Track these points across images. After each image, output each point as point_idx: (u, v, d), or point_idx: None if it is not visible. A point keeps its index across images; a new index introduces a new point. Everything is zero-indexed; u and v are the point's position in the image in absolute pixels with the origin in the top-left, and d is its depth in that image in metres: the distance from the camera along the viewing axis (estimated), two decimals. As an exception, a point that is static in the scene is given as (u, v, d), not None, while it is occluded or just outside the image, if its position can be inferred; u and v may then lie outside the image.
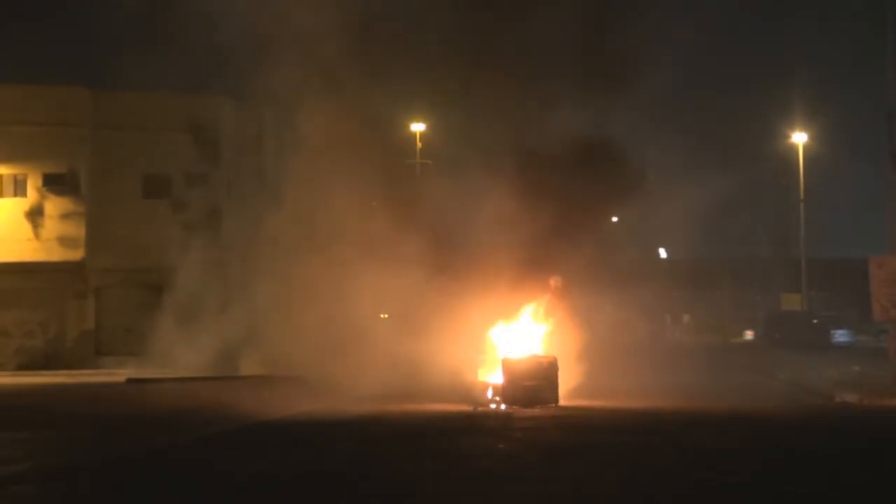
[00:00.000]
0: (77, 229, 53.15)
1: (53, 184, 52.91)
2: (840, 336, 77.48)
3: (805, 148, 68.63)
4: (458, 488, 17.28)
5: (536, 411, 31.70)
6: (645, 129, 39.23)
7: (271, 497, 16.83)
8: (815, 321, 71.02)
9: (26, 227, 53.00)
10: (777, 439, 24.72)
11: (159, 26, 47.54)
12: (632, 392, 36.10)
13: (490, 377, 35.03)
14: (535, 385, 33.39)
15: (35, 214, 53.09)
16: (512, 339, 36.37)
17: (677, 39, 39.64)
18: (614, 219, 43.80)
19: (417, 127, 48.28)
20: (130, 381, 42.07)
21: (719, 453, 21.90)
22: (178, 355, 46.62)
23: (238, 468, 19.77)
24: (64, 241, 53.06)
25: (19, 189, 53.15)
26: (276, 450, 22.90)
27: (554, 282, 36.59)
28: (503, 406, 33.36)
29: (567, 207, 35.91)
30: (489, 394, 34.57)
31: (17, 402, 34.77)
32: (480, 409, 32.97)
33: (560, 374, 33.89)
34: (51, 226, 53.15)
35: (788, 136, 67.96)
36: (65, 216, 53.11)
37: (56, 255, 53.06)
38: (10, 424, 26.50)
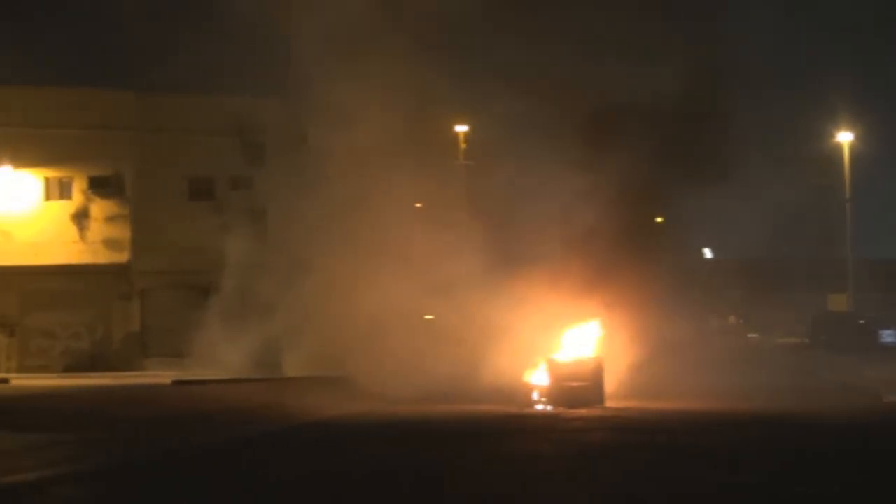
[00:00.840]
0: (122, 231, 53.34)
1: (99, 186, 53.13)
2: (887, 336, 76.84)
3: (851, 146, 68.15)
4: (507, 489, 17.14)
5: (582, 412, 31.52)
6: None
7: (322, 496, 16.72)
8: (861, 322, 70.46)
9: (72, 229, 53.26)
10: (826, 441, 24.47)
11: (200, 27, 47.65)
12: (677, 393, 35.85)
13: (536, 379, 34.89)
14: (580, 386, 33.26)
15: (81, 217, 53.32)
16: (559, 340, 36.22)
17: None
18: (658, 219, 43.53)
19: (461, 128, 48.12)
20: (176, 382, 42.17)
21: (764, 454, 21.67)
22: (222, 357, 46.71)
23: (287, 468, 19.70)
24: (109, 243, 53.26)
25: (65, 192, 53.41)
26: (324, 450, 22.81)
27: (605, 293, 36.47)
28: (549, 407, 33.21)
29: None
30: (535, 395, 34.43)
31: (64, 404, 34.87)
32: (526, 410, 32.83)
33: (605, 374, 33.76)
34: (96, 228, 53.37)
35: (834, 135, 67.49)
36: (110, 219, 53.30)
37: (101, 257, 53.28)
38: (56, 426, 26.54)
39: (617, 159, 36.37)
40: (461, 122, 47.11)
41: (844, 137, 67.91)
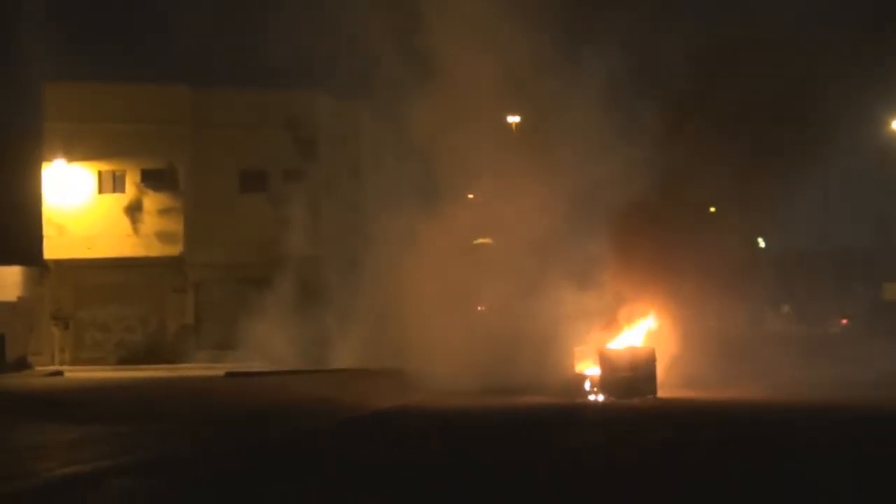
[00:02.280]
0: (175, 225, 53.58)
1: (152, 179, 53.40)
2: (945, 326, 76.19)
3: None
4: (560, 480, 17.16)
5: (634, 402, 31.48)
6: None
7: (390, 485, 16.75)
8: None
9: (125, 222, 53.55)
10: (878, 433, 24.33)
11: (253, 23, 47.87)
12: (730, 383, 35.68)
13: (588, 369, 34.86)
14: (632, 376, 33.18)
15: (134, 210, 53.60)
16: (613, 331, 36.19)
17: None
18: (712, 209, 43.34)
19: (513, 118, 48.03)
20: (230, 374, 42.35)
21: (816, 446, 21.55)
22: (275, 349, 46.93)
23: (348, 458, 19.79)
24: (162, 236, 53.52)
25: (118, 185, 53.69)
26: (384, 441, 22.90)
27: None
28: (601, 398, 33.18)
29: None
30: (587, 386, 34.39)
31: (118, 396, 35.07)
32: (579, 400, 32.81)
33: (658, 364, 33.69)
34: (149, 221, 53.64)
35: (888, 123, 66.90)
36: (163, 212, 53.55)
37: (155, 250, 53.55)
38: (112, 418, 26.70)
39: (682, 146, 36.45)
40: (514, 112, 46.99)
41: (899, 125, 67.26)
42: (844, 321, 78.34)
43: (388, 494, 15.95)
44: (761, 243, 54.98)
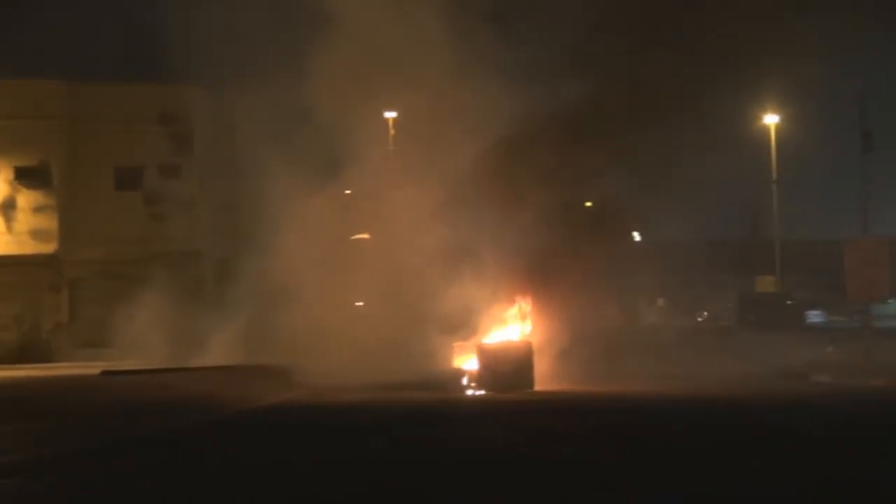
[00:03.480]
0: (50, 222, 53.01)
1: (25, 177, 52.76)
2: (814, 317, 77.93)
3: (778, 130, 68.80)
4: (444, 475, 17.37)
5: (512, 396, 31.83)
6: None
7: (264, 483, 16.85)
8: (788, 303, 71.30)
9: (-2, 220, 52.88)
10: (747, 419, 24.87)
11: (130, 17, 47.56)
12: (604, 377, 36.21)
13: (466, 364, 35.19)
14: (510, 370, 33.56)
15: (7, 208, 52.94)
16: (489, 326, 36.56)
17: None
18: (588, 203, 43.88)
19: (390, 114, 48.23)
20: (106, 372, 42.07)
21: (689, 434, 22.04)
22: (153, 346, 46.67)
23: (228, 457, 19.83)
24: (37, 233, 52.91)
25: (-10, 183, 53.01)
26: (261, 440, 22.96)
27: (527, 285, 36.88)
28: (479, 392, 33.51)
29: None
30: (465, 381, 34.71)
31: (-7, 396, 34.71)
32: (457, 395, 33.11)
33: (535, 359, 34.10)
34: (23, 219, 53.01)
35: (760, 118, 68.09)
36: (37, 209, 52.95)
37: (29, 248, 52.94)
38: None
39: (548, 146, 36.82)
40: (390, 108, 47.20)
41: (771, 119, 68.53)
42: (701, 317, 79.89)
43: (257, 492, 16.10)
44: (636, 237, 55.73)
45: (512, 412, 27.65)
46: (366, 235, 42.89)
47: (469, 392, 33.80)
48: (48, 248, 52.93)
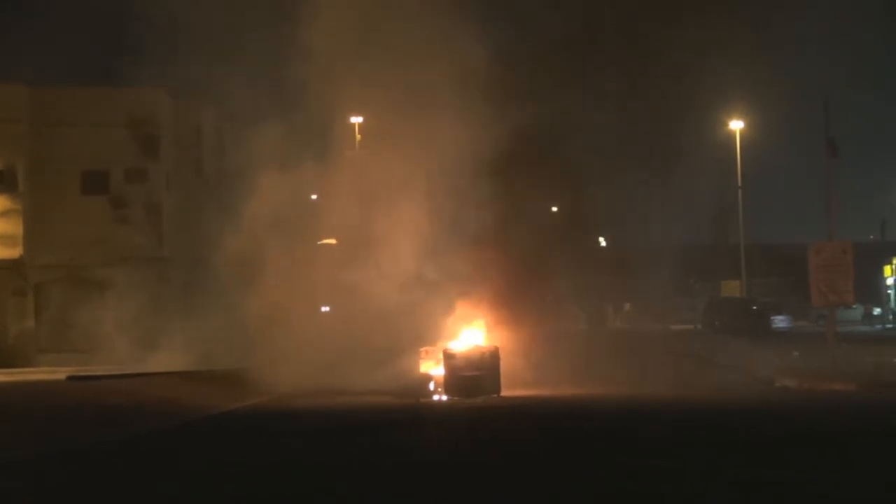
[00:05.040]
0: (15, 227, 52.64)
1: (-10, 181, 52.48)
2: (779, 322, 78.04)
3: (743, 136, 69.05)
4: (410, 479, 17.35)
5: (478, 402, 31.80)
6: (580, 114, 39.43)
7: (228, 486, 16.83)
8: (754, 307, 71.50)
9: (-38, 225, 52.54)
10: (710, 423, 24.92)
11: (94, 22, 47.41)
12: (572, 381, 36.26)
13: (433, 370, 35.14)
14: (476, 375, 33.52)
15: (-29, 213, 52.61)
16: (456, 333, 36.58)
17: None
18: (553, 208, 43.98)
19: (356, 119, 48.23)
20: (71, 378, 41.79)
21: (650, 439, 22.06)
22: (118, 351, 46.54)
23: (189, 460, 19.81)
24: (2, 238, 52.53)
25: (-46, 188, 52.65)
26: (227, 443, 22.95)
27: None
28: (444, 398, 33.48)
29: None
30: (431, 386, 34.68)
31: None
32: (423, 400, 33.07)
33: (502, 364, 34.08)
34: (-12, 224, 52.66)
35: (726, 124, 68.33)
36: (2, 213, 52.59)
37: (-7, 253, 52.58)
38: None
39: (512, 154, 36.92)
40: (356, 113, 47.23)
41: (736, 125, 68.76)
42: (670, 323, 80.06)
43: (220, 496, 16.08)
44: (602, 243, 55.86)
45: (470, 419, 27.64)
46: (332, 241, 42.82)
47: (435, 398, 33.76)
48: (13, 252, 52.58)
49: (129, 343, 46.13)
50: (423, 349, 35.98)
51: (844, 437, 21.71)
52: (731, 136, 69.20)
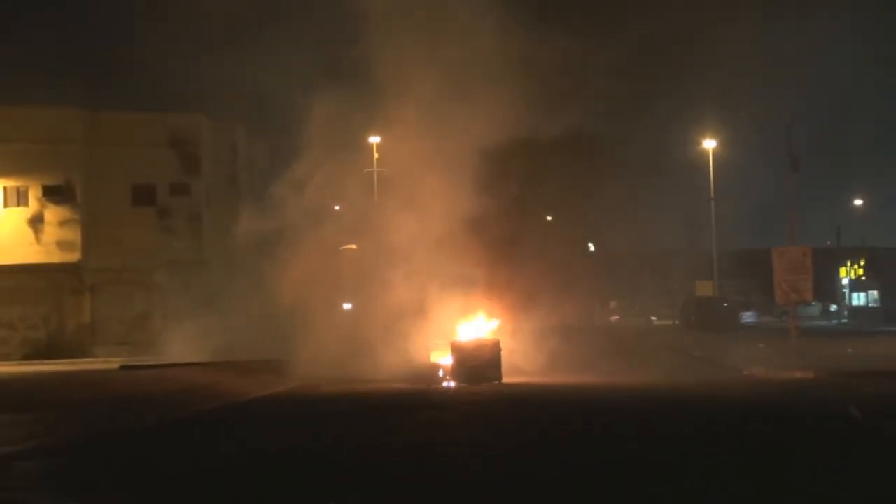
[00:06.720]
0: (73, 234, 53.11)
1: (52, 194, 52.91)
2: (748, 318, 78.25)
3: (714, 152, 69.15)
4: (416, 456, 17.51)
5: (482, 388, 31.95)
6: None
7: (260, 466, 16.96)
8: (725, 305, 71.52)
9: (29, 233, 52.94)
10: (689, 408, 25.05)
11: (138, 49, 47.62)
12: (564, 371, 36.33)
13: (442, 359, 35.37)
14: (480, 365, 33.72)
15: (36, 222, 53.01)
16: (463, 326, 36.71)
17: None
18: (548, 217, 44.05)
19: (374, 139, 48.54)
20: (123, 367, 42.00)
21: (640, 421, 22.20)
22: (165, 344, 46.86)
23: (231, 443, 19.93)
24: (62, 244, 53.03)
25: (22, 199, 53.07)
26: (258, 427, 23.08)
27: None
28: (452, 384, 33.64)
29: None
30: (440, 374, 34.87)
31: (22, 388, 34.59)
32: (433, 387, 33.23)
33: (503, 354, 34.23)
34: (50, 231, 53.10)
35: (699, 143, 68.50)
36: (62, 223, 53.05)
37: (55, 257, 53.03)
38: (16, 407, 26.43)
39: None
40: (375, 133, 47.52)
41: (709, 144, 68.89)
42: (653, 318, 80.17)
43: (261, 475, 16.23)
44: (591, 247, 55.97)
45: (472, 402, 27.78)
46: (353, 246, 42.97)
47: (444, 384, 33.92)
48: (72, 257, 53.00)
49: (172, 336, 46.45)
50: (433, 341, 36.23)
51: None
52: (705, 154, 69.34)
